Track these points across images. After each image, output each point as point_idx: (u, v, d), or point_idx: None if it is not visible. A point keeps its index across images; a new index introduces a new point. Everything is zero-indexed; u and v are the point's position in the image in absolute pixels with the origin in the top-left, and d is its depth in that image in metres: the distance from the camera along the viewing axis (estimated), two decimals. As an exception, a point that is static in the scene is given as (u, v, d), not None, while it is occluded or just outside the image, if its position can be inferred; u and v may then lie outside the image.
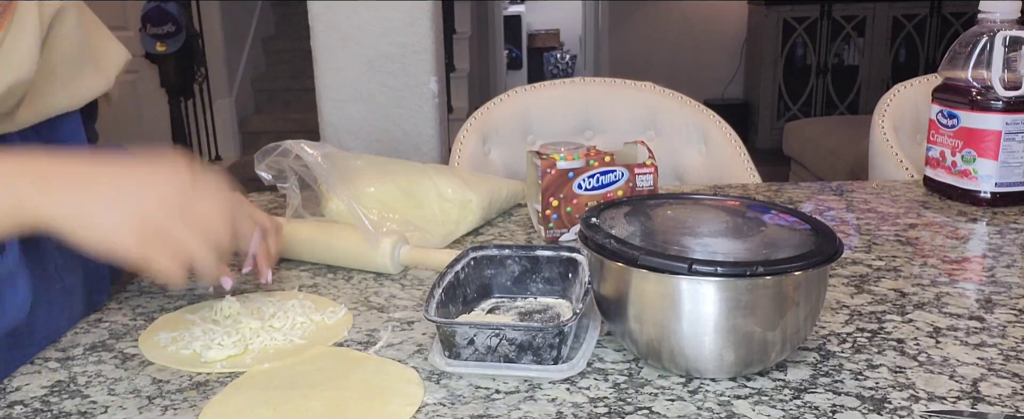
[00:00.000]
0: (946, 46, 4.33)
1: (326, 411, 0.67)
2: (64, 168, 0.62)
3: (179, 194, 0.63)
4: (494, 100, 1.64)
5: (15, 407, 0.70)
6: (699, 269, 0.65)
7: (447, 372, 0.72)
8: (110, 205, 0.61)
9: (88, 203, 0.60)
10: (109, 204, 0.61)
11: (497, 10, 6.65)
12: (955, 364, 0.72)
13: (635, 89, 1.66)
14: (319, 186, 1.05)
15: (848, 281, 0.91)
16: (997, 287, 0.89)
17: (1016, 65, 1.14)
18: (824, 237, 0.70)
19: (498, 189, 1.16)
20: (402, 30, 1.81)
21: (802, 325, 0.70)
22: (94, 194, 0.61)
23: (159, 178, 0.63)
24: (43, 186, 0.60)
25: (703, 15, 5.92)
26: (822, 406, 0.65)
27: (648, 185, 1.06)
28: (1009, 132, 1.14)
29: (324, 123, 1.88)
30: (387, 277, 0.97)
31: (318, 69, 1.85)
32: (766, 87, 5.51)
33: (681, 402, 0.67)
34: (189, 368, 0.75)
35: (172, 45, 3.64)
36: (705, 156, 1.61)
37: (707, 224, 0.75)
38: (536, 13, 8.95)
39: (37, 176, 0.61)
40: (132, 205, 0.61)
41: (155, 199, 0.62)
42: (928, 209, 1.19)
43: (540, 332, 0.70)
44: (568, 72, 8.66)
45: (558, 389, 0.69)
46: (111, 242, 0.61)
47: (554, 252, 0.86)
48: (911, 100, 1.64)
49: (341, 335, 0.81)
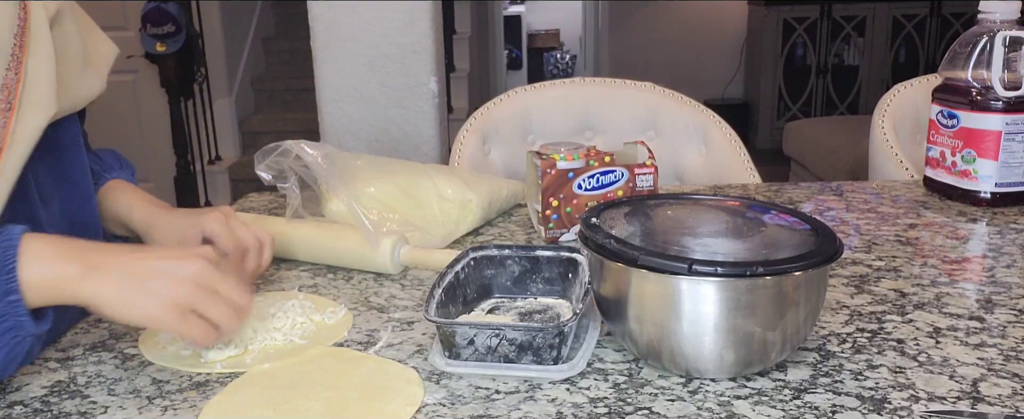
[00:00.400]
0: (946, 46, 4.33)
1: (326, 411, 0.67)
2: (109, 257, 0.72)
3: (201, 275, 0.72)
4: (494, 100, 1.64)
5: (15, 407, 0.70)
6: (699, 269, 0.65)
7: (447, 372, 0.72)
8: (145, 287, 0.71)
9: (125, 285, 0.70)
10: (144, 286, 0.71)
11: (497, 10, 6.65)
12: (955, 364, 0.72)
13: (635, 89, 1.66)
14: (319, 186, 1.05)
15: (848, 281, 0.91)
16: (997, 287, 0.89)
17: (1016, 65, 1.14)
18: (824, 237, 0.70)
19: (498, 189, 1.16)
20: (402, 30, 1.81)
21: (802, 325, 0.70)
22: (131, 277, 0.71)
23: (187, 260, 0.72)
24: (88, 270, 0.70)
25: (703, 15, 5.92)
26: (822, 406, 0.65)
27: (648, 185, 1.06)
28: (1009, 132, 1.14)
29: (324, 123, 1.88)
30: (387, 277, 0.97)
31: (318, 69, 1.85)
32: (766, 87, 5.50)
33: (681, 402, 0.67)
34: (189, 368, 0.75)
35: (172, 45, 3.64)
36: (705, 156, 1.61)
37: (707, 224, 0.75)
38: (536, 13, 8.95)
39: (84, 262, 0.70)
40: (165, 286, 0.71)
41: (184, 278, 0.71)
42: (928, 209, 1.19)
43: (540, 332, 0.70)
44: (568, 72, 8.66)
45: (558, 389, 0.69)
46: (147, 318, 0.72)
47: (554, 252, 0.86)
48: (911, 100, 1.64)
49: (341, 335, 0.81)
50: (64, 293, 0.70)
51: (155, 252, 0.76)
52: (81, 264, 0.70)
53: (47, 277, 0.69)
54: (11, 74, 0.73)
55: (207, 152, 4.21)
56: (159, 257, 0.73)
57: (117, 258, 0.72)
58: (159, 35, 3.60)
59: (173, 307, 0.70)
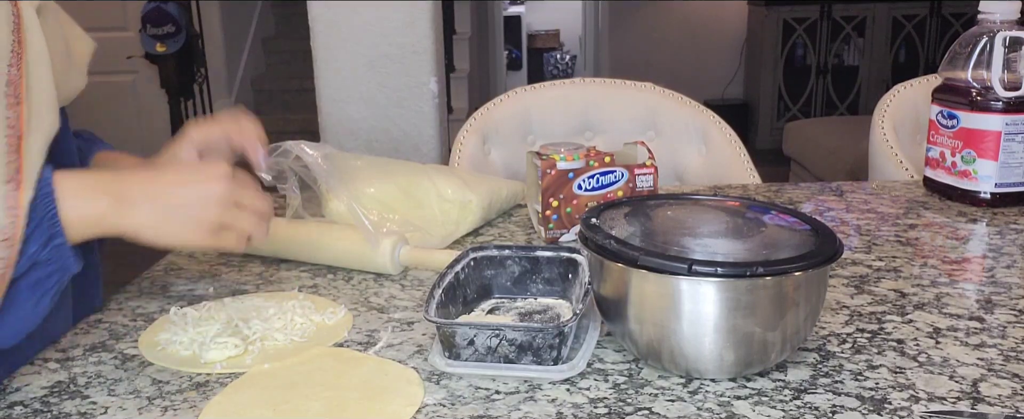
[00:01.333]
0: (946, 46, 4.33)
1: (326, 411, 0.67)
2: (136, 186, 0.77)
3: (226, 193, 0.77)
4: (494, 100, 1.64)
5: (15, 408, 0.70)
6: (699, 270, 0.65)
7: (447, 373, 0.72)
8: (177, 215, 0.76)
9: (159, 215, 0.76)
10: (176, 214, 0.76)
11: (497, 10, 6.65)
12: (955, 365, 0.72)
13: (635, 89, 1.66)
14: (319, 186, 1.05)
15: (848, 282, 0.91)
16: (997, 288, 0.89)
17: (1016, 65, 1.14)
18: (824, 238, 0.70)
19: (498, 189, 1.16)
20: (402, 30, 1.81)
21: (802, 326, 0.70)
22: (163, 207, 0.76)
23: (209, 183, 0.77)
24: (120, 203, 0.75)
25: (703, 15, 5.92)
26: (822, 406, 0.65)
27: (648, 186, 1.06)
28: (1009, 132, 1.14)
29: (324, 123, 1.88)
30: (387, 278, 0.97)
31: (318, 69, 1.85)
32: (766, 87, 5.50)
33: (681, 403, 0.67)
34: (189, 369, 0.75)
35: (172, 46, 3.64)
36: (705, 156, 1.61)
37: (707, 225, 0.75)
38: (536, 13, 8.95)
39: (116, 195, 0.75)
40: (195, 210, 0.76)
41: (211, 201, 0.77)
42: (928, 210, 1.19)
43: (540, 333, 0.70)
44: (568, 72, 8.66)
45: (558, 390, 0.69)
46: (183, 242, 0.79)
47: (554, 253, 0.86)
48: (911, 100, 1.64)
49: (341, 336, 0.81)
50: (101, 226, 0.74)
51: (177, 175, 0.79)
52: (112, 197, 0.74)
53: (83, 214, 0.73)
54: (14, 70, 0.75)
55: (207, 152, 4.20)
56: (183, 182, 0.78)
57: (144, 187, 0.76)
58: (159, 35, 3.60)
59: (207, 229, 0.77)
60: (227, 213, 0.77)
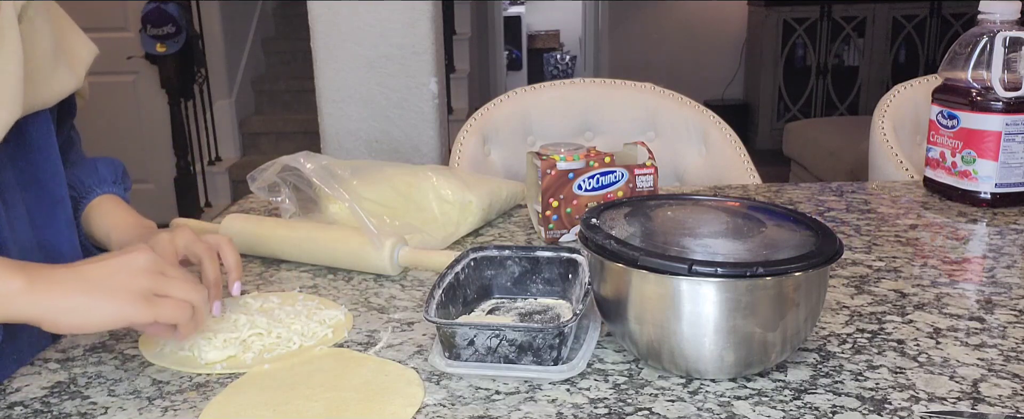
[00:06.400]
0: (946, 47, 4.33)
1: (326, 412, 0.67)
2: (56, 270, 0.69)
3: (152, 262, 0.71)
4: (494, 101, 1.64)
5: (15, 408, 0.70)
6: (699, 270, 0.65)
7: (447, 373, 0.72)
8: (99, 288, 0.68)
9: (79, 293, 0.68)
10: (98, 287, 0.68)
11: (497, 11, 6.65)
12: (955, 365, 0.72)
13: (635, 90, 1.66)
14: (316, 191, 1.05)
15: (848, 282, 0.91)
16: (997, 288, 0.89)
17: (1016, 66, 1.14)
18: (824, 238, 0.70)
19: (498, 190, 1.16)
20: (402, 31, 1.81)
21: (802, 326, 0.70)
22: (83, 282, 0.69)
23: (131, 254, 0.71)
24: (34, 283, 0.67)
25: (703, 16, 5.92)
26: (822, 407, 0.65)
27: (648, 186, 1.06)
28: (1009, 133, 1.14)
29: (324, 124, 1.88)
30: (387, 278, 0.97)
31: (318, 70, 1.85)
32: (766, 88, 5.51)
33: (681, 403, 0.67)
34: (189, 369, 0.75)
35: (172, 46, 3.64)
36: (705, 157, 1.61)
37: (707, 225, 0.75)
38: (536, 14, 8.95)
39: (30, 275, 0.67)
40: (118, 279, 0.69)
41: (135, 269, 0.70)
42: (928, 210, 1.19)
43: (540, 333, 0.70)
44: (568, 73, 8.66)
45: (558, 390, 0.69)
46: (116, 320, 0.69)
47: (554, 253, 0.86)
48: (911, 101, 1.64)
49: (341, 336, 0.81)
50: (11, 309, 0.67)
51: (97, 259, 0.73)
52: (25, 278, 0.67)
53: None
54: None
55: (207, 153, 4.21)
56: (103, 260, 0.71)
57: (61, 270, 0.70)
58: (159, 36, 3.60)
59: (138, 297, 0.68)
60: (158, 280, 0.70)
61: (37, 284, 0.67)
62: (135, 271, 0.70)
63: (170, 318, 0.70)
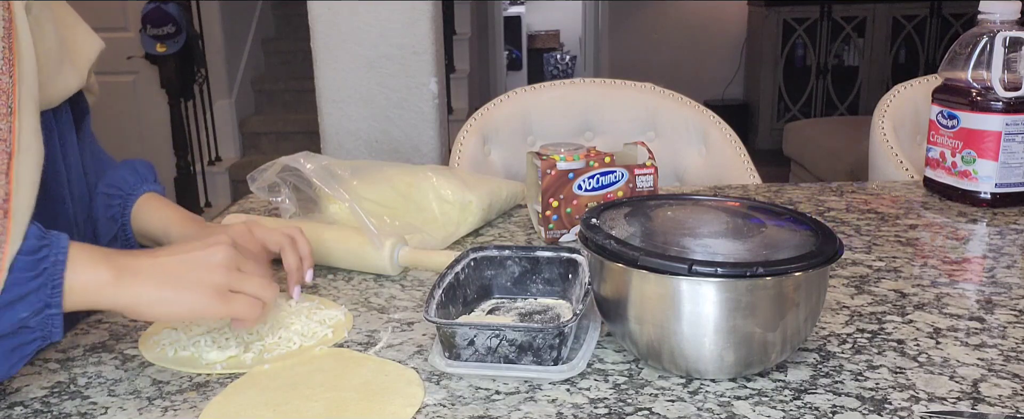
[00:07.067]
0: (946, 47, 4.33)
1: (326, 412, 0.67)
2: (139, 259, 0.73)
3: (230, 258, 0.74)
4: (494, 101, 1.64)
5: (15, 408, 0.70)
6: (699, 270, 0.65)
7: (447, 373, 0.72)
8: (180, 282, 0.72)
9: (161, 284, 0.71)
10: (179, 281, 0.72)
11: (497, 11, 6.65)
12: (955, 365, 0.72)
13: (635, 90, 1.66)
14: (316, 191, 1.05)
15: (848, 282, 0.91)
16: (997, 288, 0.89)
17: (1016, 66, 1.14)
18: (824, 238, 0.70)
19: (498, 190, 1.16)
20: (402, 31, 1.81)
21: (802, 326, 0.70)
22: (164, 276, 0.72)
23: (211, 248, 0.74)
24: (122, 273, 0.70)
25: (703, 16, 5.92)
26: (822, 407, 0.65)
27: (648, 186, 1.06)
28: (1009, 133, 1.14)
29: (324, 124, 1.88)
30: (387, 278, 0.97)
31: (318, 69, 1.85)
32: (766, 88, 5.50)
33: (681, 403, 0.67)
34: (189, 369, 0.75)
35: (172, 46, 3.64)
36: (705, 157, 1.61)
37: (707, 225, 0.75)
38: (536, 14, 8.94)
39: (118, 266, 0.70)
40: (198, 274, 0.72)
41: (218, 268, 0.73)
42: (928, 210, 1.19)
43: (540, 333, 0.70)
44: (568, 73, 8.66)
45: (558, 390, 0.69)
46: (194, 312, 0.73)
47: (554, 253, 0.86)
48: (911, 101, 1.64)
49: (341, 336, 0.81)
50: (99, 299, 0.70)
51: (177, 249, 0.76)
52: (112, 268, 0.70)
53: (81, 284, 0.69)
54: (6, 78, 0.71)
55: (207, 153, 4.21)
56: (184, 251, 0.74)
57: (144, 260, 0.73)
58: (159, 36, 3.60)
59: (215, 292, 0.72)
60: (233, 276, 0.73)
61: (124, 276, 0.70)
62: (213, 266, 0.73)
63: (242, 314, 0.74)
